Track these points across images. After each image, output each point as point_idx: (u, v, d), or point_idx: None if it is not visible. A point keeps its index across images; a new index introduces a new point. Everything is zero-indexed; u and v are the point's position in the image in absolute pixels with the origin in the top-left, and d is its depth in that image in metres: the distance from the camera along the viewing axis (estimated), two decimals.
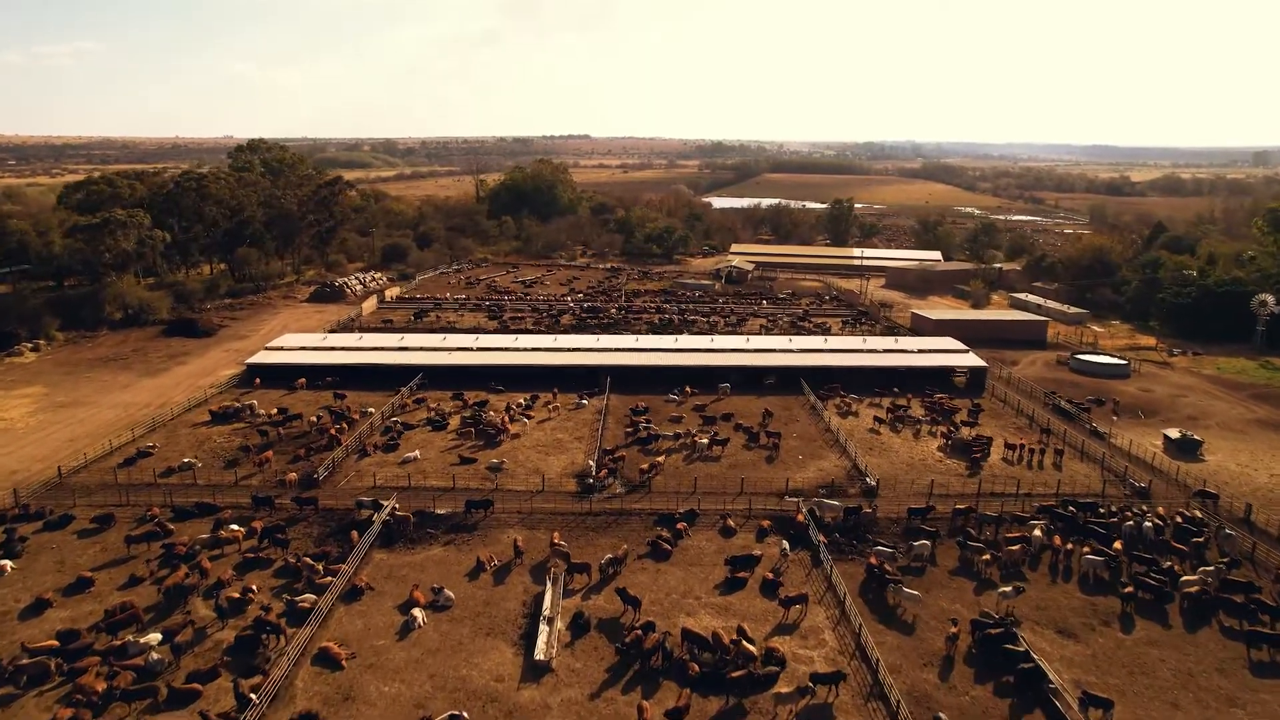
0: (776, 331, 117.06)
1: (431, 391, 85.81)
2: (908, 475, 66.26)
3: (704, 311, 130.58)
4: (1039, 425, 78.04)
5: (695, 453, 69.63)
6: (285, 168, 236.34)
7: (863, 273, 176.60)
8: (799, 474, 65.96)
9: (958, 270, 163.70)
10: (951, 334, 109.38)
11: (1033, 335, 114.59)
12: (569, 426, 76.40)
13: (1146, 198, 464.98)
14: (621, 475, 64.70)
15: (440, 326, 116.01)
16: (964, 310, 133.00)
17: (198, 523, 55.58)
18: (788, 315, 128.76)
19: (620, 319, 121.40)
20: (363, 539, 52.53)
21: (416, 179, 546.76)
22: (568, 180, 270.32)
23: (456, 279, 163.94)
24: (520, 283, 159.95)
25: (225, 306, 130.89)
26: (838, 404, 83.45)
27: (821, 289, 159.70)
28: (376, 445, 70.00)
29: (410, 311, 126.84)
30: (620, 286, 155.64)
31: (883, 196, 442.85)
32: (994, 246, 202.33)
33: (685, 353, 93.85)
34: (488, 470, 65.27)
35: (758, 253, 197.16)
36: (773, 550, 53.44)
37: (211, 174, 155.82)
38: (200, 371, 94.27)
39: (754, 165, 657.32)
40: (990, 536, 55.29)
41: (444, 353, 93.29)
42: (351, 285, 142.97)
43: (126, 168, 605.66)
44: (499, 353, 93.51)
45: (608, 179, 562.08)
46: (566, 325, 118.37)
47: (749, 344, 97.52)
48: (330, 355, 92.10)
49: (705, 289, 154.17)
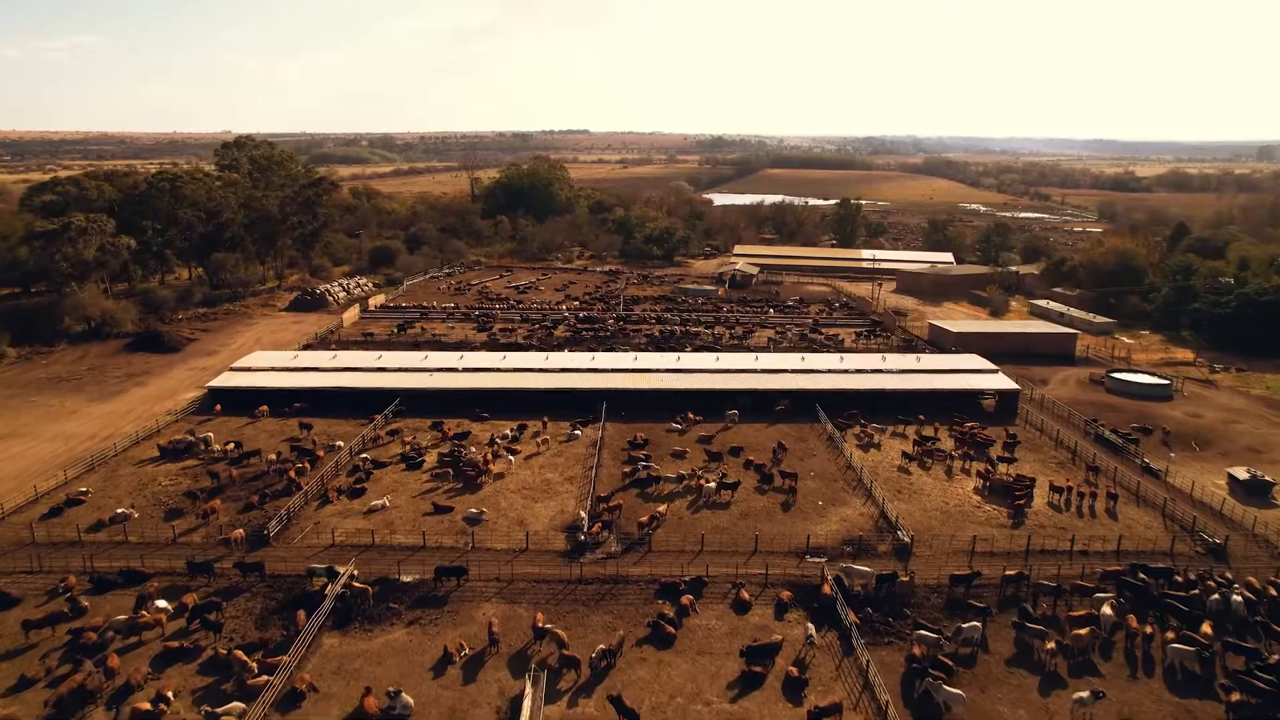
0: (785, 344, 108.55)
1: (409, 420, 77.27)
2: (943, 526, 57.79)
3: (707, 321, 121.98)
4: (1083, 460, 69.53)
5: (701, 498, 61.16)
6: (274, 166, 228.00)
7: (873, 276, 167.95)
8: (820, 525, 57.47)
9: (973, 275, 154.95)
10: (974, 347, 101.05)
11: (1061, 349, 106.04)
12: (559, 464, 67.86)
13: (1153, 193, 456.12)
14: (617, 528, 56.24)
15: (424, 341, 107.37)
16: (985, 321, 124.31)
17: (120, 596, 47.07)
18: (796, 326, 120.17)
19: (618, 330, 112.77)
20: (311, 619, 44.10)
21: (414, 174, 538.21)
22: (565, 178, 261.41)
23: (447, 284, 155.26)
24: (514, 288, 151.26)
25: (198, 317, 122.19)
26: (858, 434, 74.91)
27: (830, 294, 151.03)
28: (341, 489, 61.47)
29: (394, 322, 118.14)
30: (619, 293, 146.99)
31: (886, 193, 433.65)
32: (1006, 248, 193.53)
33: (688, 374, 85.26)
34: (464, 522, 56.78)
35: (762, 254, 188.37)
36: (795, 631, 45.01)
37: (187, 174, 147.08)
38: (159, 394, 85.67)
39: (755, 160, 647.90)
40: (1049, 610, 46.89)
41: (424, 374, 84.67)
42: (334, 293, 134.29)
43: (122, 164, 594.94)
44: (485, 374, 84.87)
45: (607, 174, 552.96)
46: (560, 338, 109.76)
47: (758, 363, 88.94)
48: (299, 377, 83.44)
49: (708, 295, 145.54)
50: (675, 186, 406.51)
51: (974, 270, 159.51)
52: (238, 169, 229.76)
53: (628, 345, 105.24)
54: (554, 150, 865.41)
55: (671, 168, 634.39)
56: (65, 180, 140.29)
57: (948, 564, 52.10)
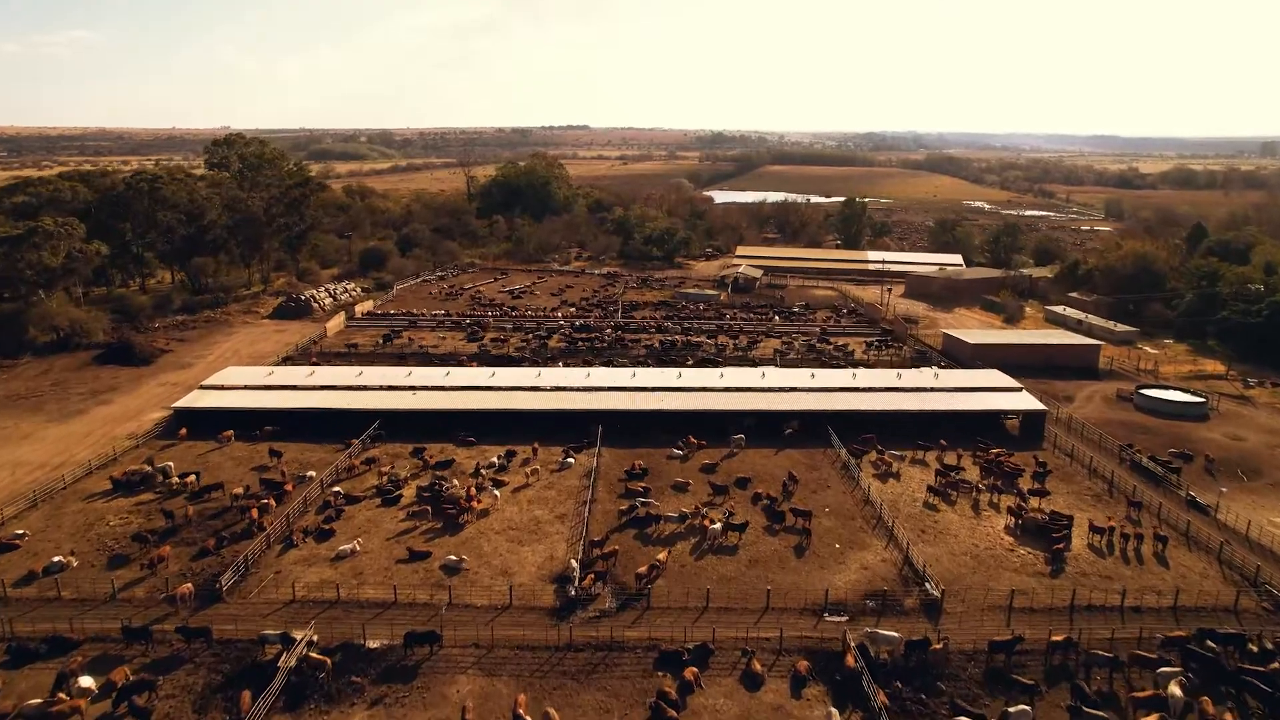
0: (793, 355, 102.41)
1: (388, 445, 71.14)
2: (975, 574, 51.68)
3: (709, 329, 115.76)
4: (1122, 493, 63.41)
5: (706, 541, 55.00)
6: (265, 164, 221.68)
7: (881, 280, 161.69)
8: (838, 575, 51.36)
9: (985, 279, 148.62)
10: (992, 359, 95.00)
11: (1084, 361, 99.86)
12: (550, 498, 61.72)
13: (1158, 190, 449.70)
14: (612, 579, 50.14)
15: (411, 353, 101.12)
16: (1003, 330, 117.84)
17: (40, 670, 40.96)
18: (803, 335, 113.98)
19: (616, 341, 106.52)
20: (258, 701, 38.04)
21: (412, 171, 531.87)
22: (563, 176, 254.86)
23: (439, 288, 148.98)
24: (508, 292, 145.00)
25: (176, 325, 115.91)
26: (874, 461, 68.78)
27: (837, 299, 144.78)
28: (307, 530, 55.34)
29: (381, 331, 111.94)
30: (617, 298, 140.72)
31: (889, 190, 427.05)
32: (1017, 249, 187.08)
33: (690, 393, 79.02)
34: (442, 572, 50.72)
35: (765, 256, 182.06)
36: (814, 714, 38.93)
37: (168, 174, 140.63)
38: (123, 414, 79.47)
39: (755, 157, 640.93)
40: (1106, 686, 40.83)
41: (406, 394, 78.45)
42: (319, 299, 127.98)
43: (118, 160, 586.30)
44: (472, 393, 78.64)
45: (606, 171, 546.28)
46: (555, 349, 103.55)
47: (764, 380, 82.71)
48: (272, 397, 77.21)
49: (710, 300, 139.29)
50: (675, 184, 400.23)
51: (986, 274, 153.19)
52: (227, 167, 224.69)
53: (626, 358, 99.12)
54: (553, 146, 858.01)
55: (671, 164, 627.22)
56: (37, 181, 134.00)
57: (984, 623, 46.03)
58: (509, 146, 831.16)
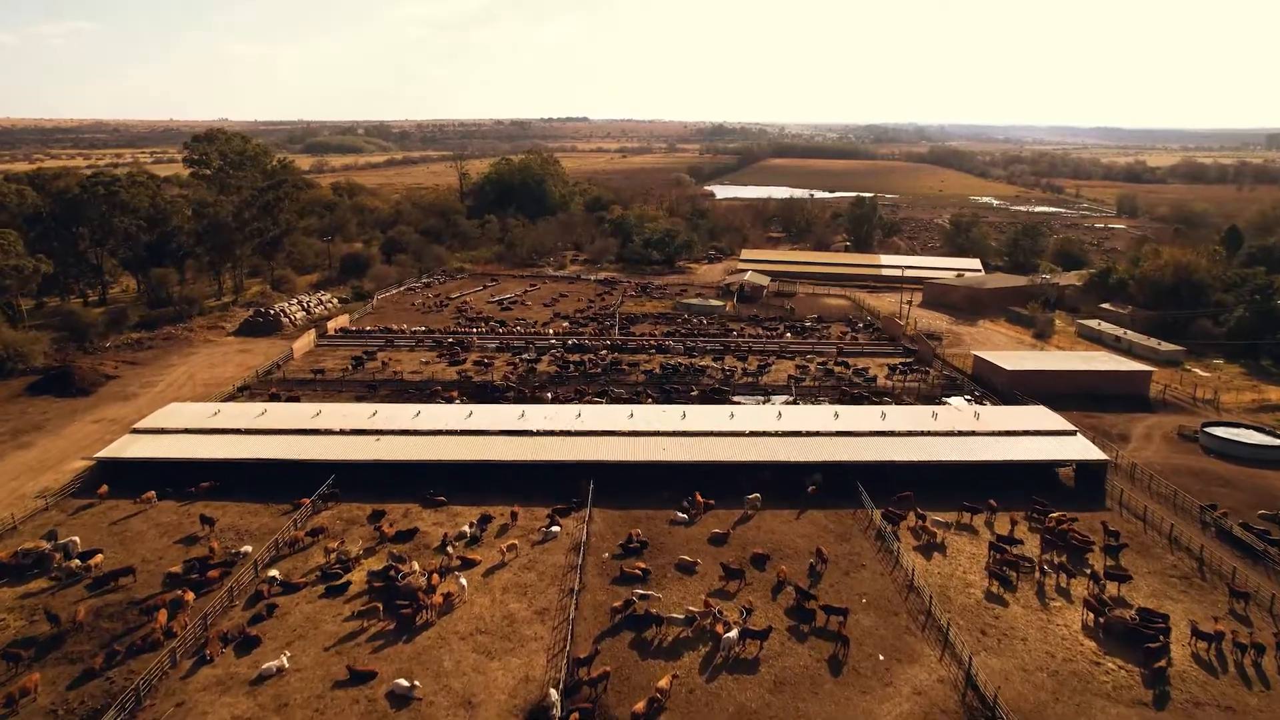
0: (809, 381, 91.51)
1: (344, 506, 60.27)
2: (1058, 702, 40.78)
3: (715, 348, 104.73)
4: (1219, 575, 52.50)
5: (720, 652, 44.07)
6: (247, 161, 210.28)
7: (894, 286, 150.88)
8: (886, 704, 40.45)
9: (1010, 288, 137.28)
10: (1029, 387, 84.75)
11: (1133, 389, 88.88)
12: (529, 582, 50.78)
13: (1168, 185, 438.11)
14: (602, 712, 39.29)
15: (382, 380, 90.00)
16: (1039, 352, 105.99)
17: None
18: (818, 354, 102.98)
19: (611, 365, 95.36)
20: None
21: (408, 164, 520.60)
22: (559, 173, 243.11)
23: (424, 297, 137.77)
24: (497, 303, 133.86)
25: (129, 344, 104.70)
26: (914, 528, 57.89)
27: (851, 310, 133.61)
28: (227, 637, 44.41)
29: (353, 352, 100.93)
30: (614, 309, 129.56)
31: (893, 185, 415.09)
32: (1037, 252, 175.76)
33: (697, 438, 67.94)
34: (387, 701, 39.89)
35: (771, 260, 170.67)
36: None
37: (128, 176, 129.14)
38: (41, 463, 68.44)
39: (756, 150, 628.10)
40: None
41: (369, 439, 67.43)
42: (290, 312, 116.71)
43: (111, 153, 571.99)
44: (444, 440, 67.57)
45: (606, 164, 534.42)
46: (544, 375, 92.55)
47: (781, 421, 71.60)
48: (213, 445, 66.18)
49: (714, 312, 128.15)
50: (676, 178, 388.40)
51: (1010, 282, 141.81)
52: (208, 164, 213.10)
53: (623, 386, 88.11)
54: (552, 139, 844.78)
55: (672, 157, 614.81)
56: None
57: None
58: (507, 139, 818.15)
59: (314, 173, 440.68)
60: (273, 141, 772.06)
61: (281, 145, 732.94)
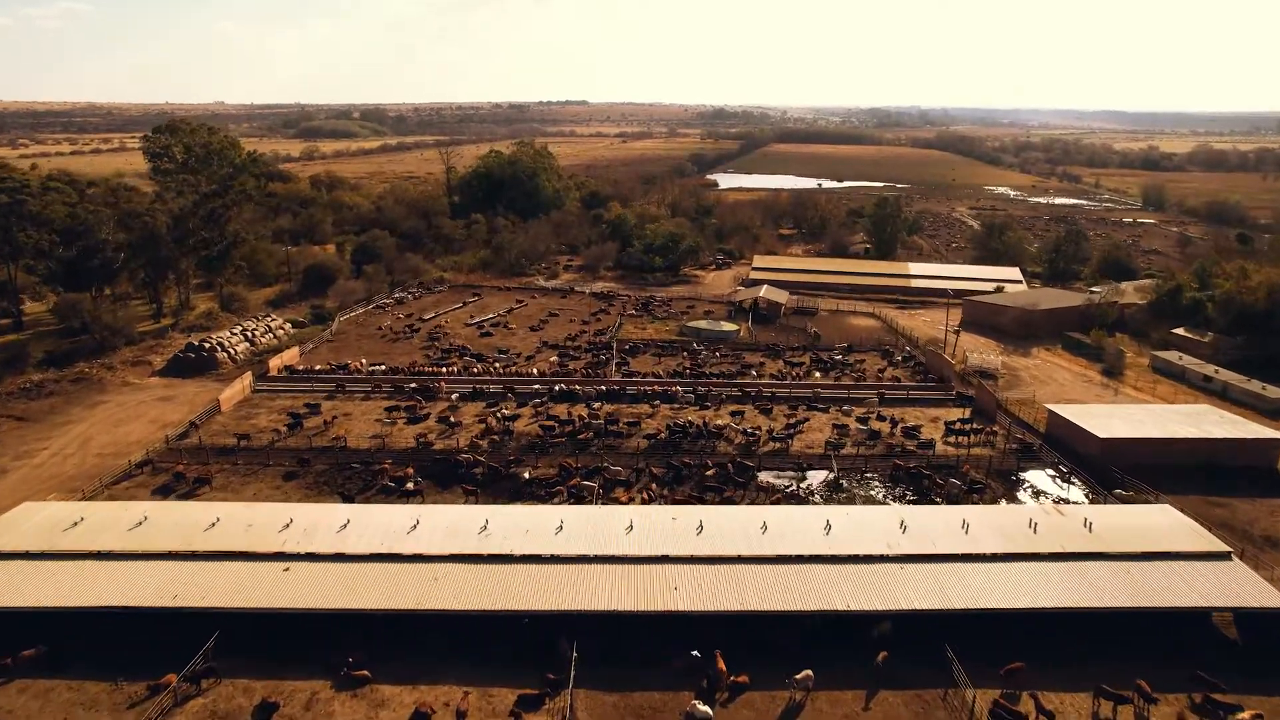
0: (851, 446, 72.81)
1: (224, 686, 41.76)
2: None
3: (731, 391, 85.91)
4: None
5: None
6: (213, 154, 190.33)
7: (929, 300, 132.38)
8: None
9: (1065, 308, 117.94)
10: (1127, 459, 67.23)
11: (1259, 460, 70.08)
12: None
13: (1188, 172, 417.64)
14: None
15: (321, 449, 71.10)
16: (1125, 405, 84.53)
17: None
18: (857, 400, 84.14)
19: (605, 427, 76.22)
20: None
21: (401, 151, 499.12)
22: (553, 166, 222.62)
23: (394, 317, 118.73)
24: (476, 325, 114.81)
25: (25, 389, 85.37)
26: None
27: (884, 334, 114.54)
28: None
29: (296, 399, 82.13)
30: (611, 334, 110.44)
31: (902, 174, 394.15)
32: (1081, 259, 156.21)
33: (718, 565, 49.20)
34: None
35: (787, 269, 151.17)
36: None
37: (40, 183, 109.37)
38: None
39: (759, 135, 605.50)
40: None
41: (274, 567, 48.69)
42: (231, 344, 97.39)
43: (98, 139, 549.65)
44: (375, 567, 48.87)
45: (605, 150, 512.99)
46: (521, 442, 73.68)
47: (830, 535, 52.70)
48: (56, 580, 47.47)
49: (728, 338, 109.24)
50: (678, 167, 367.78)
51: (1064, 300, 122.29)
52: (170, 158, 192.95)
53: (620, 458, 69.34)
54: (551, 123, 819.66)
55: (673, 142, 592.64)
56: None
57: None
58: (505, 123, 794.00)
59: (303, 160, 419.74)
60: (267, 125, 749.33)
61: (275, 130, 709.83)
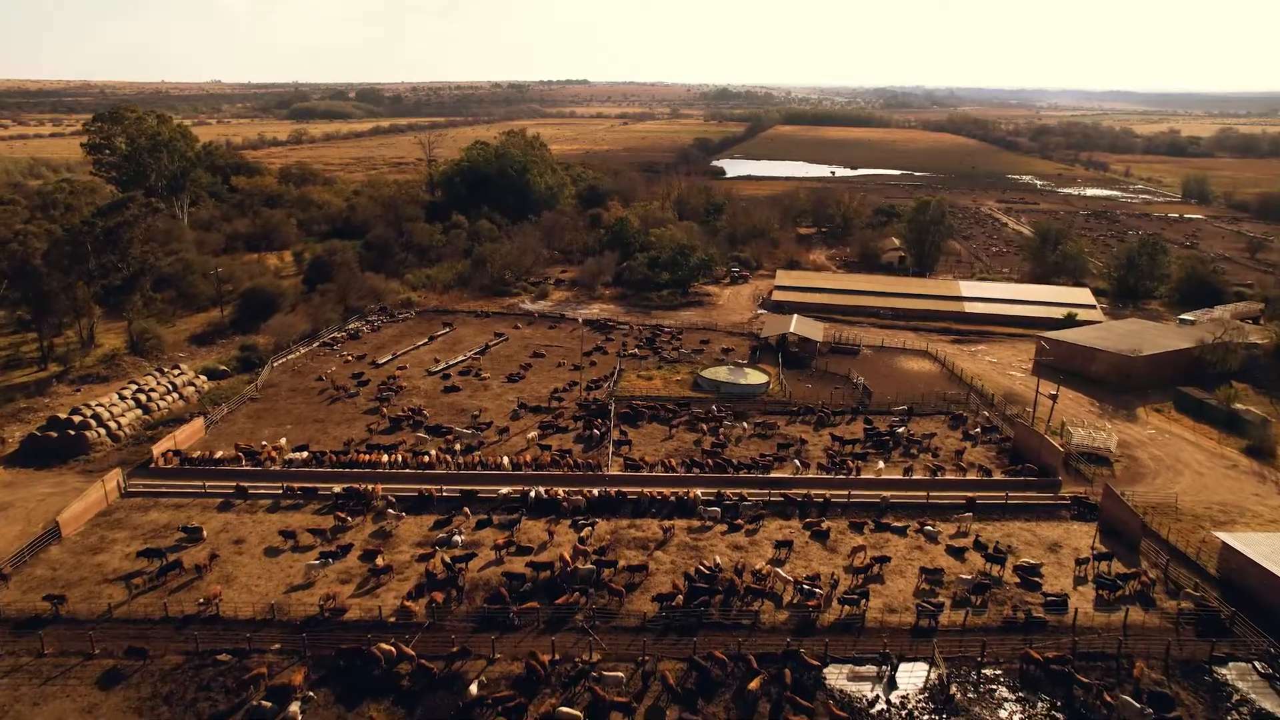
0: (949, 601, 49.16)
1: None
2: None
3: (772, 496, 62.18)
4: None
5: None
6: (163, 146, 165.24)
7: (986, 330, 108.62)
8: None
9: (1174, 352, 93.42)
10: None
11: None
12: None
13: (1218, 158, 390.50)
14: None
15: (181, 622, 47.22)
16: None
17: None
18: (947, 520, 60.37)
19: (596, 573, 52.23)
20: None
21: (394, 132, 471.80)
22: (546, 159, 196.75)
23: (341, 360, 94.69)
24: (441, 373, 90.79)
25: None
26: None
27: (942, 381, 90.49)
28: None
29: (172, 513, 58.30)
30: (609, 392, 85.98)
31: (918, 160, 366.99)
32: (1158, 277, 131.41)
33: None
34: None
35: (813, 289, 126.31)
36: None
37: None
38: None
39: (765, 117, 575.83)
40: None
41: None
42: (113, 415, 73.08)
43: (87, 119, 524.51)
44: None
45: (606, 132, 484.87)
46: (473, 614, 49.88)
47: None
48: None
49: (754, 394, 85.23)
50: (684, 152, 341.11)
51: (1169, 340, 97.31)
52: (113, 149, 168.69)
53: (618, 634, 45.68)
54: (551, 103, 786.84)
55: (675, 123, 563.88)
56: None
57: None
58: (505, 103, 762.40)
59: (290, 144, 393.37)
60: (261, 106, 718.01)
61: (269, 110, 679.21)
